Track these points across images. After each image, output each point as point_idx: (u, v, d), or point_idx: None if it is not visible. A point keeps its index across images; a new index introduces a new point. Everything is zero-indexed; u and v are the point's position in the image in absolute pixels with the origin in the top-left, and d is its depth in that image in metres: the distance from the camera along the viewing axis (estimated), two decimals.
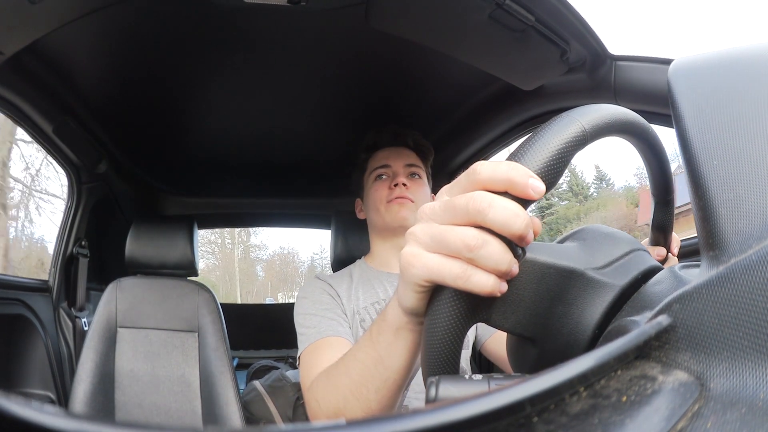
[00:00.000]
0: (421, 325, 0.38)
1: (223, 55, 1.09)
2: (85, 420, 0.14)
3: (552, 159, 0.29)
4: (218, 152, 1.67)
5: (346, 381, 0.47)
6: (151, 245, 1.37)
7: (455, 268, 0.29)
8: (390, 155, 1.05)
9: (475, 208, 0.28)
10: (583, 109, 0.32)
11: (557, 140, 0.30)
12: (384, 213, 0.99)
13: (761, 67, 0.30)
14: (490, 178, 0.29)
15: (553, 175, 0.29)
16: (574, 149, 0.30)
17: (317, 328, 0.84)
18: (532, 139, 0.30)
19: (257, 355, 2.12)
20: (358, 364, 0.45)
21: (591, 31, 0.88)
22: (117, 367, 1.26)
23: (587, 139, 0.31)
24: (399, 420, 0.16)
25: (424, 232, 0.31)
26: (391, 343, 0.41)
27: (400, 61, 1.13)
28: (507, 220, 0.28)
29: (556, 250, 0.33)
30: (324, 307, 0.89)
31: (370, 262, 1.05)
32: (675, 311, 0.22)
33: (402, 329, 0.39)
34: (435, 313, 0.31)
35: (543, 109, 1.14)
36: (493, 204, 0.28)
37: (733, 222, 0.23)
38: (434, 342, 0.31)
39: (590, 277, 0.32)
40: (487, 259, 0.28)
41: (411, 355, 0.41)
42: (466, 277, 0.29)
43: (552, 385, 0.18)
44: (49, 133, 1.26)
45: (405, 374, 0.43)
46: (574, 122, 0.31)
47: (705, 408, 0.19)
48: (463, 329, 0.31)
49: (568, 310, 0.32)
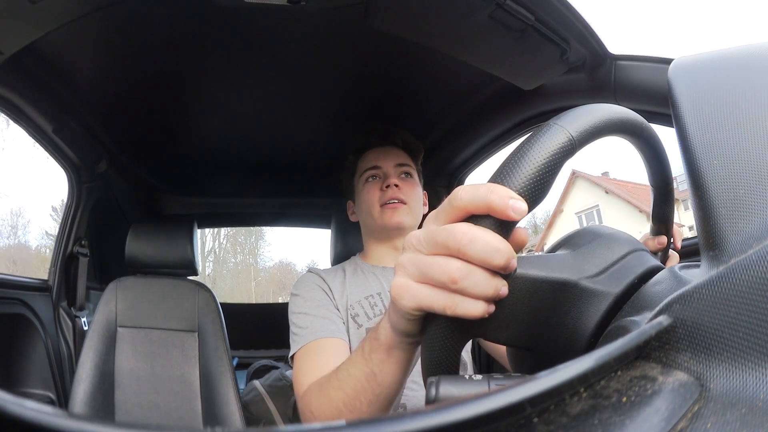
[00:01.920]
0: (413, 344, 0.40)
1: (223, 54, 1.09)
2: (85, 420, 0.14)
3: (535, 175, 0.29)
4: (218, 152, 1.67)
5: (339, 395, 0.49)
6: (151, 245, 1.37)
7: (443, 299, 0.30)
8: (379, 156, 1.04)
9: (456, 244, 0.29)
10: (568, 114, 0.31)
11: (540, 154, 0.29)
12: (377, 217, 0.98)
13: (761, 67, 0.30)
14: (471, 203, 0.29)
15: (538, 190, 0.29)
16: (561, 160, 0.30)
17: (309, 328, 0.83)
18: (513, 156, 0.30)
19: (257, 354, 2.12)
20: (352, 379, 0.47)
21: (591, 31, 0.88)
22: (117, 367, 1.26)
23: (575, 146, 0.30)
24: (399, 420, 0.16)
25: (411, 263, 0.32)
26: (383, 361, 0.42)
27: (400, 60, 1.13)
28: (486, 256, 0.28)
29: (547, 262, 0.33)
30: (316, 304, 0.88)
31: (364, 259, 1.05)
32: (675, 311, 0.22)
33: (394, 348, 0.41)
34: (430, 336, 0.32)
35: (543, 109, 1.14)
36: (473, 240, 0.28)
37: (733, 222, 0.23)
38: (432, 361, 0.32)
39: (584, 287, 0.32)
40: (473, 288, 0.29)
41: (403, 371, 0.43)
42: (454, 306, 0.30)
43: (552, 386, 0.18)
44: (48, 133, 1.26)
45: (397, 388, 0.45)
46: (560, 131, 0.30)
47: (705, 408, 0.19)
48: (459, 347, 0.32)
49: (563, 321, 0.32)
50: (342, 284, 0.95)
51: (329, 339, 0.82)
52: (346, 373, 0.49)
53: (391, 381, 0.43)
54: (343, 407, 0.48)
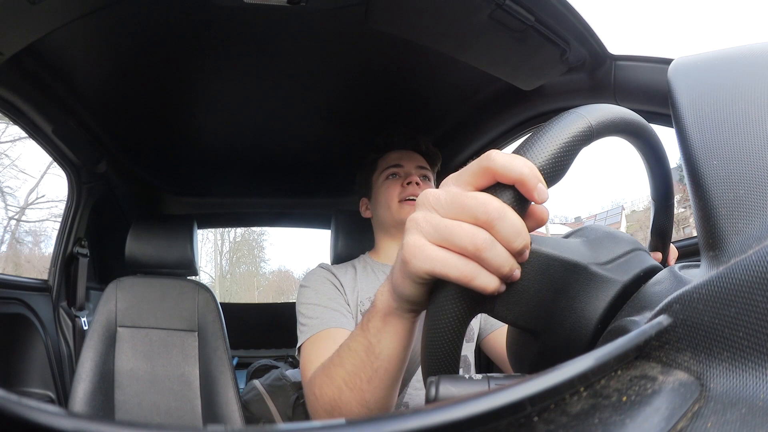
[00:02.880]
0: (412, 313, 0.38)
1: (222, 55, 1.09)
2: (85, 419, 0.14)
3: (559, 152, 0.30)
4: (218, 152, 1.67)
5: (340, 371, 0.47)
6: (151, 245, 1.37)
7: (461, 266, 0.29)
8: (403, 156, 1.07)
9: (487, 215, 0.28)
10: (589, 107, 0.32)
11: (564, 134, 0.30)
12: (395, 212, 1.00)
13: (761, 67, 0.30)
14: (504, 170, 0.28)
15: (558, 169, 0.30)
16: (580, 144, 0.30)
17: (320, 318, 0.83)
18: (538, 133, 0.30)
19: (257, 354, 2.12)
20: (351, 353, 0.45)
21: (591, 31, 0.88)
22: (117, 367, 1.26)
23: (593, 135, 0.31)
24: (399, 420, 0.16)
25: (428, 222, 0.30)
26: (380, 329, 0.41)
27: (399, 61, 1.13)
28: (511, 237, 0.28)
29: (560, 243, 0.34)
30: (327, 297, 0.88)
31: (375, 257, 1.06)
32: (675, 311, 0.22)
33: (390, 315, 0.39)
34: (439, 305, 0.31)
35: (543, 109, 1.14)
36: (504, 217, 0.28)
37: (733, 222, 0.23)
38: (438, 333, 0.32)
39: (593, 272, 0.33)
40: (492, 261, 0.28)
41: (400, 341, 0.41)
42: (473, 276, 0.29)
43: (552, 385, 0.18)
44: (48, 133, 1.26)
45: (396, 363, 0.42)
46: (581, 118, 0.31)
47: (705, 408, 0.19)
48: (467, 320, 0.32)
49: (571, 304, 0.33)
50: (353, 281, 0.96)
51: (338, 329, 0.81)
52: (345, 348, 0.47)
53: (390, 353, 0.41)
54: (343, 385, 0.46)
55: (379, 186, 1.06)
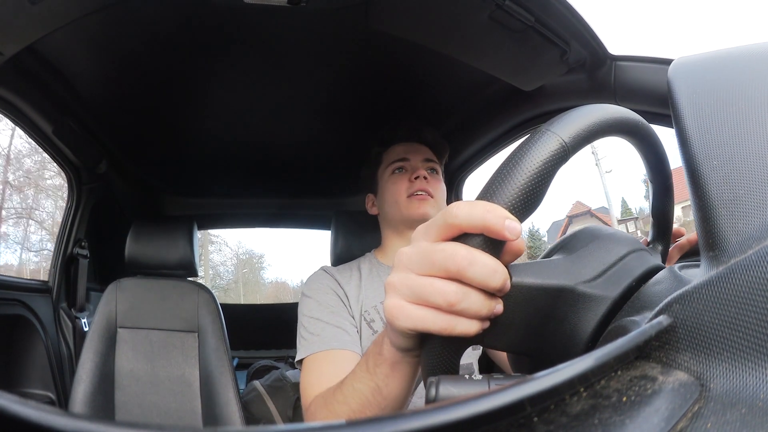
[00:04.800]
0: (416, 358, 0.39)
1: (222, 55, 1.09)
2: (85, 420, 0.14)
3: (527, 187, 0.28)
4: (218, 152, 1.67)
5: (345, 409, 0.49)
6: (151, 245, 1.37)
7: (439, 321, 0.30)
8: (408, 150, 1.03)
9: (456, 266, 0.28)
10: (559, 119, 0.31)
11: (532, 164, 0.28)
12: (404, 208, 0.96)
13: (761, 68, 0.30)
14: (467, 221, 0.29)
15: (531, 202, 0.29)
16: (554, 167, 0.29)
17: (321, 336, 0.81)
18: (504, 168, 0.29)
19: (257, 355, 2.12)
20: (357, 393, 0.47)
21: (591, 32, 0.88)
22: (117, 368, 1.26)
23: (569, 152, 0.30)
24: (399, 420, 0.16)
25: (403, 284, 0.31)
26: (388, 375, 0.42)
27: (399, 61, 1.13)
28: (485, 278, 0.28)
29: (543, 268, 0.33)
30: (330, 311, 0.86)
31: (381, 258, 1.02)
32: (675, 311, 0.22)
33: (399, 363, 0.41)
34: (430, 350, 0.33)
35: (543, 110, 1.14)
36: (473, 262, 0.28)
37: (732, 222, 0.23)
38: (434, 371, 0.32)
39: (580, 292, 0.32)
40: (468, 310, 0.29)
41: (408, 383, 0.43)
42: (452, 327, 0.30)
43: (552, 385, 0.18)
44: (48, 134, 1.26)
45: (403, 400, 0.44)
46: (552, 138, 0.29)
47: (705, 408, 0.19)
48: (458, 357, 0.32)
49: (560, 327, 0.32)
50: (357, 287, 0.92)
51: (341, 351, 0.79)
52: (350, 388, 0.48)
53: (397, 394, 0.43)
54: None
55: (386, 181, 1.02)
